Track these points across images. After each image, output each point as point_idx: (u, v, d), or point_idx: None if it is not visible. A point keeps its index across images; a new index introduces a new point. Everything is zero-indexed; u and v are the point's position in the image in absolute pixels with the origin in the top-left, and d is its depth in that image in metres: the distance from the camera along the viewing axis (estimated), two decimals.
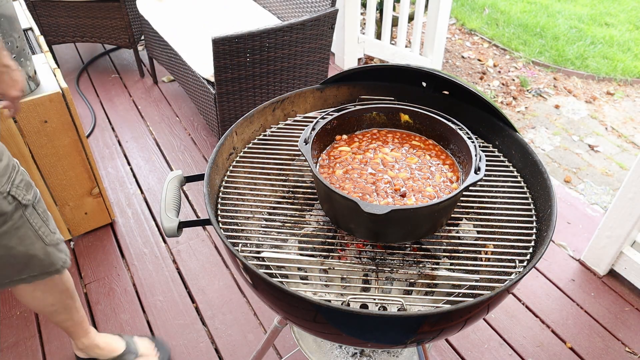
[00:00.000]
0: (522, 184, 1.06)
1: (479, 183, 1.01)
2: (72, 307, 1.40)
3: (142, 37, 2.95)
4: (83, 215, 2.00)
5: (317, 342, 1.32)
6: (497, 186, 1.06)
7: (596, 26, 4.37)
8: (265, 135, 1.18)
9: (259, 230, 1.05)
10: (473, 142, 0.97)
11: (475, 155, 0.92)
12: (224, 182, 1.06)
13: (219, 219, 0.98)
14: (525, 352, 1.66)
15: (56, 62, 2.56)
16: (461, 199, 1.05)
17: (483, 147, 1.15)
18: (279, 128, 1.21)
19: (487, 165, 1.07)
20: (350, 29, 3.08)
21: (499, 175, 1.08)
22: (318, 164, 1.00)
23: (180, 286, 1.88)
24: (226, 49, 1.99)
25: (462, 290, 0.88)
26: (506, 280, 0.86)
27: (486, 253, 0.98)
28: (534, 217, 0.99)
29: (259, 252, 0.97)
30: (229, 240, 0.89)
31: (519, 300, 1.83)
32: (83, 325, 1.49)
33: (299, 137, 1.15)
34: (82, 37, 2.96)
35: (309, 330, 0.96)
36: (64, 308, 1.38)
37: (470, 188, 1.01)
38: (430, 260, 1.01)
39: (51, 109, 1.67)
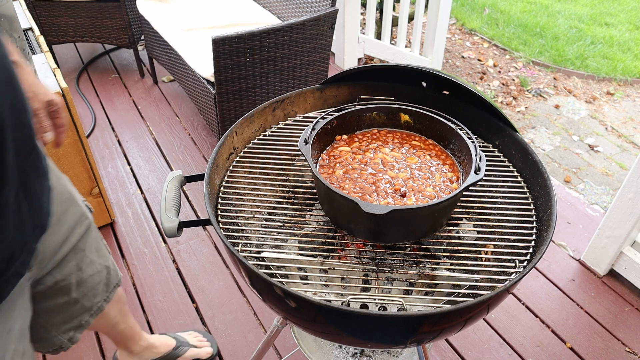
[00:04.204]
0: (522, 184, 1.06)
1: (479, 183, 1.01)
2: (127, 311, 1.34)
3: (142, 37, 2.95)
4: None
5: (317, 342, 1.32)
6: (497, 186, 1.06)
7: (596, 26, 4.37)
8: (265, 135, 1.18)
9: (259, 230, 1.05)
10: (473, 142, 0.97)
11: (475, 155, 0.92)
12: (224, 182, 1.06)
13: (219, 219, 0.98)
14: (525, 352, 1.66)
15: (56, 62, 2.56)
16: (461, 199, 1.05)
17: (483, 147, 1.15)
18: (279, 128, 1.21)
19: (487, 165, 1.07)
20: (350, 29, 3.08)
21: (499, 175, 1.08)
22: (318, 164, 1.00)
23: (180, 286, 1.88)
24: (226, 49, 1.99)
25: (462, 290, 0.88)
26: (506, 280, 0.86)
27: (486, 253, 0.98)
28: (534, 217, 0.99)
29: (259, 252, 0.97)
30: (229, 240, 0.89)
31: (519, 300, 1.83)
32: (137, 328, 1.43)
33: (299, 137, 1.15)
34: (82, 37, 2.96)
35: (309, 330, 0.96)
36: (122, 316, 1.31)
37: (470, 188, 1.01)
38: (430, 260, 1.01)
39: None
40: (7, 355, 0.75)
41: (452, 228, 1.06)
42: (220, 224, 0.95)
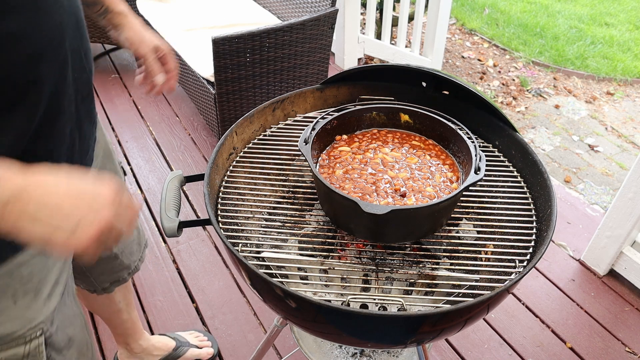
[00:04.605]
0: (522, 184, 1.06)
1: (479, 183, 1.01)
2: (132, 302, 1.39)
3: None
4: None
5: (317, 342, 1.32)
6: (497, 186, 1.06)
7: (596, 26, 4.37)
8: (265, 135, 1.18)
9: (259, 230, 1.05)
10: (473, 142, 0.97)
11: (475, 155, 0.92)
12: (224, 182, 1.06)
13: (219, 219, 0.98)
14: (525, 352, 1.66)
15: None
16: (461, 199, 1.05)
17: (483, 147, 1.15)
18: (279, 128, 1.20)
19: (487, 165, 1.07)
20: (350, 29, 3.08)
21: (499, 175, 1.08)
22: (318, 164, 1.00)
23: (180, 286, 1.88)
24: (226, 49, 1.99)
25: (462, 290, 0.88)
26: (506, 280, 0.86)
27: (486, 253, 0.98)
28: (534, 217, 0.99)
29: (259, 252, 0.97)
30: (229, 240, 0.89)
31: (519, 300, 1.83)
32: (139, 325, 1.45)
33: (299, 137, 1.15)
34: None
35: (309, 330, 0.96)
36: (126, 304, 1.35)
37: (470, 188, 1.01)
38: (430, 260, 1.01)
39: None
40: (61, 280, 0.83)
41: (452, 228, 1.06)
42: (220, 224, 0.95)
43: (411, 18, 3.13)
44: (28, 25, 0.63)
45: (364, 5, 3.33)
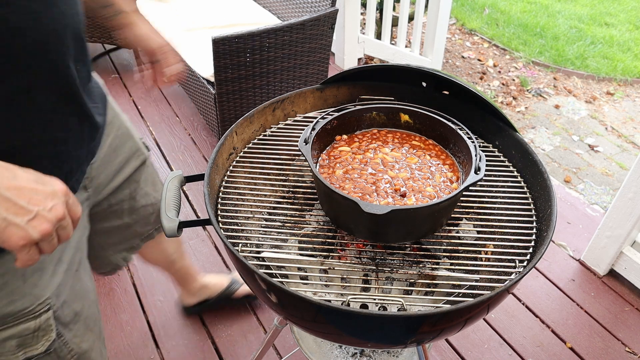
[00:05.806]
0: (522, 184, 1.06)
1: (479, 183, 1.01)
2: (183, 252, 1.50)
3: None
4: None
5: (317, 342, 1.32)
6: (497, 186, 1.06)
7: (596, 26, 4.37)
8: (265, 135, 1.18)
9: (259, 230, 1.05)
10: (473, 142, 0.97)
11: (475, 155, 0.92)
12: (224, 182, 1.06)
13: (219, 219, 0.98)
14: (525, 352, 1.66)
15: None
16: (461, 199, 1.05)
17: (483, 147, 1.15)
18: (279, 128, 1.20)
19: (487, 165, 1.07)
20: (350, 29, 3.08)
21: (499, 175, 1.08)
22: (318, 164, 1.00)
23: None
24: (226, 49, 1.99)
25: (462, 290, 0.88)
26: (506, 280, 0.86)
27: (486, 253, 0.98)
28: (534, 217, 0.99)
29: (259, 252, 0.97)
30: (229, 240, 0.89)
31: (519, 300, 1.83)
32: (192, 269, 1.59)
33: (299, 137, 1.15)
34: None
35: (309, 330, 0.96)
36: (179, 255, 1.47)
37: (470, 188, 1.01)
38: (430, 260, 1.01)
39: None
40: (64, 258, 0.87)
41: (452, 228, 1.06)
42: (220, 224, 0.95)
43: (411, 18, 3.13)
44: (27, 16, 0.65)
45: (364, 5, 3.32)
